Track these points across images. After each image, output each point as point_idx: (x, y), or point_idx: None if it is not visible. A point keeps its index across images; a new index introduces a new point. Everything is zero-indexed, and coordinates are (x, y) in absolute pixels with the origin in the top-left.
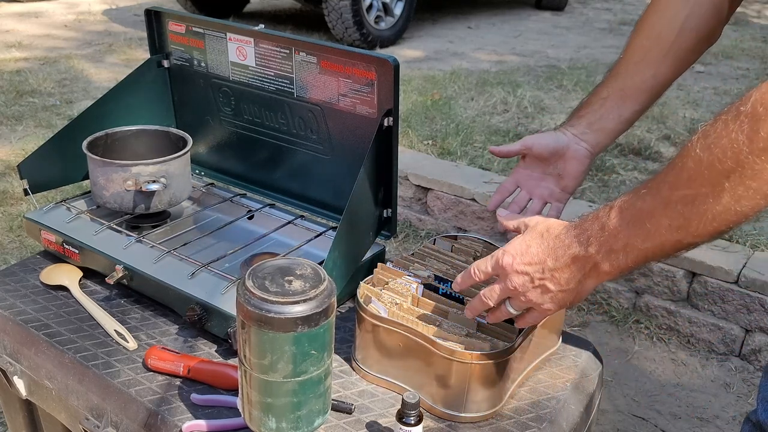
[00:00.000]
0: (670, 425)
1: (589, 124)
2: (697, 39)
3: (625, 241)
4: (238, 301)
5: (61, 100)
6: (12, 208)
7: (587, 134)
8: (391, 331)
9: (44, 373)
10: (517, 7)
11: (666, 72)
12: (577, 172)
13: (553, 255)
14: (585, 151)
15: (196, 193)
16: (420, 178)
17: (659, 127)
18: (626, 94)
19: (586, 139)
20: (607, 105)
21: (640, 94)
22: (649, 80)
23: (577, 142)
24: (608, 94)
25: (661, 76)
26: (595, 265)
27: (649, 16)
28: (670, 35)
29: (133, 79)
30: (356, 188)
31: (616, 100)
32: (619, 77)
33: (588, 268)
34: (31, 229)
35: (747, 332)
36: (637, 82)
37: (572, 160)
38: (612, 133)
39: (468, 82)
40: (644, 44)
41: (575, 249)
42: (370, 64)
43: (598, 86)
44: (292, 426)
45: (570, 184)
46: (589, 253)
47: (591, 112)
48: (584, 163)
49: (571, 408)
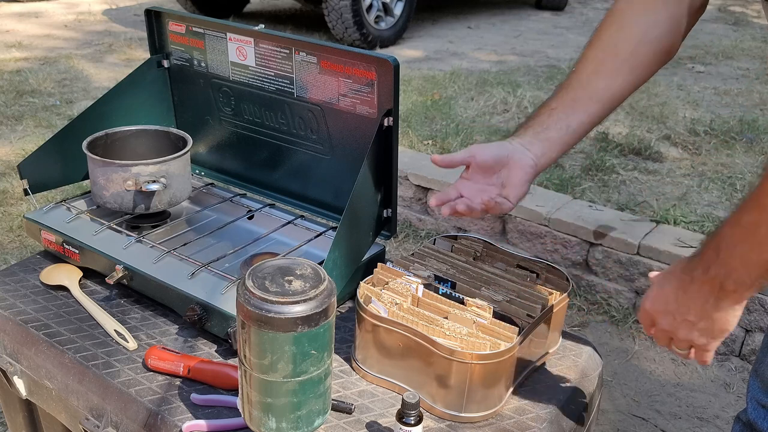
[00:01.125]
0: (670, 425)
1: (535, 133)
2: (654, 52)
3: (741, 256)
4: (238, 301)
5: (61, 100)
6: (12, 208)
7: (533, 144)
8: (391, 331)
9: (44, 373)
10: (517, 7)
11: (621, 84)
12: (520, 181)
13: (682, 288)
14: (529, 160)
15: (196, 193)
16: (420, 178)
17: (659, 127)
18: (576, 105)
19: (531, 149)
20: (555, 115)
21: (591, 105)
22: (600, 91)
23: (522, 152)
24: (557, 105)
25: (615, 87)
26: (721, 285)
27: (605, 29)
28: (626, 48)
29: (133, 79)
30: (356, 188)
31: (565, 110)
32: (570, 89)
33: (715, 290)
34: (31, 229)
35: (747, 332)
36: (589, 93)
37: (515, 169)
38: (558, 143)
39: (468, 82)
40: (598, 56)
41: (698, 275)
42: (370, 64)
43: (548, 99)
44: (292, 426)
45: (512, 193)
46: (710, 276)
47: (537, 123)
48: (528, 172)
49: (571, 408)
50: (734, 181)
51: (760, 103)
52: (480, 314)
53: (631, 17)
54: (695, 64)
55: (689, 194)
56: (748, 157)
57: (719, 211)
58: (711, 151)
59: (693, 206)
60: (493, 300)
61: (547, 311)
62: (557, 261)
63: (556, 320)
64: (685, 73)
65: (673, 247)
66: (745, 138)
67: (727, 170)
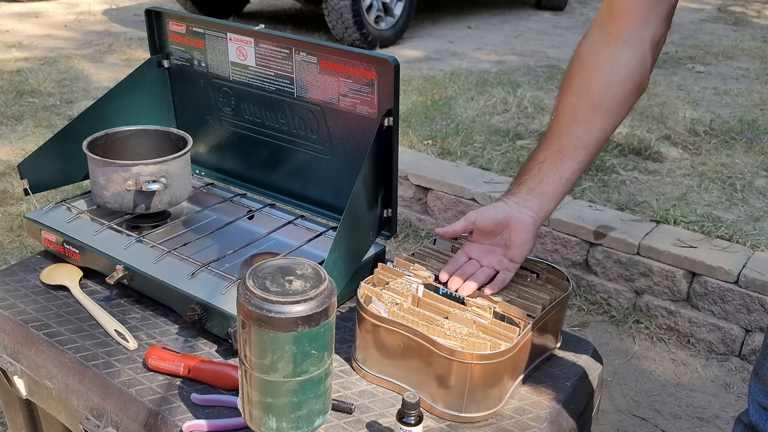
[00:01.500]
0: (670, 425)
1: (529, 190)
2: (624, 92)
3: None
4: (238, 301)
5: (61, 100)
6: (12, 208)
7: (529, 200)
8: (391, 331)
9: (44, 373)
10: (517, 7)
11: (600, 127)
12: (523, 241)
13: None
14: (528, 218)
15: (196, 193)
16: (420, 178)
17: (659, 127)
18: (563, 155)
19: (528, 206)
20: (545, 168)
21: (577, 153)
22: (583, 137)
23: (520, 210)
24: (545, 158)
25: (596, 131)
26: None
27: (574, 73)
28: (597, 90)
29: (133, 79)
30: (356, 188)
31: (554, 162)
32: (553, 138)
33: None
34: (31, 229)
35: (747, 332)
36: (573, 141)
37: (516, 230)
38: (554, 196)
39: (468, 82)
40: (572, 101)
41: None
42: (370, 64)
43: (535, 150)
44: (293, 426)
45: (517, 253)
46: None
47: (530, 178)
48: (529, 231)
49: (571, 408)
50: (734, 181)
51: (760, 103)
52: (480, 314)
53: (595, 60)
54: (695, 64)
55: (689, 194)
56: (748, 157)
57: (719, 211)
58: (711, 151)
59: (693, 206)
60: (493, 300)
61: (547, 311)
62: (557, 261)
63: (556, 320)
64: (685, 73)
65: (673, 247)
66: (745, 138)
67: (727, 170)
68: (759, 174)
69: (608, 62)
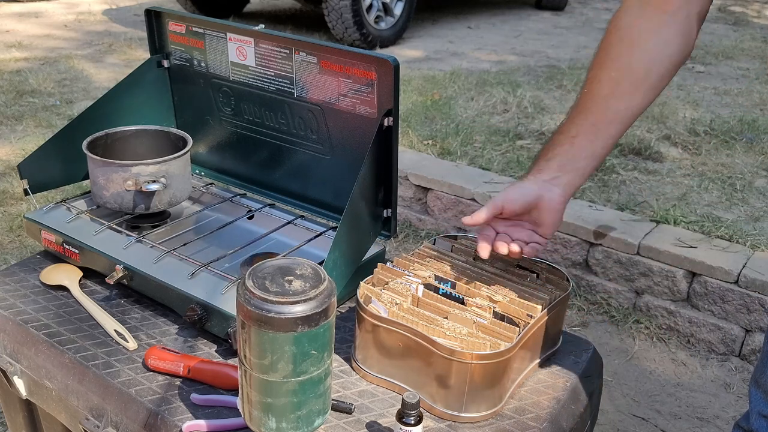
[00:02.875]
0: (670, 425)
1: (560, 166)
2: (668, 69)
3: None
4: (238, 301)
5: (61, 100)
6: (12, 208)
7: (559, 177)
8: (391, 331)
9: (44, 373)
10: (517, 7)
11: (639, 102)
12: (553, 221)
13: None
14: (559, 197)
15: (196, 193)
16: (420, 178)
17: (659, 127)
18: (597, 130)
19: (558, 184)
20: (578, 143)
21: (612, 127)
22: (621, 112)
23: (550, 190)
24: (577, 132)
25: (635, 107)
26: None
27: (611, 47)
28: (641, 67)
29: (133, 79)
30: (356, 188)
31: (588, 137)
32: (588, 113)
33: None
34: (31, 229)
35: (747, 332)
36: (609, 116)
37: (547, 210)
38: (586, 171)
39: (468, 82)
40: (611, 75)
41: None
42: (370, 64)
43: (563, 124)
44: (292, 426)
45: (548, 231)
46: None
47: (561, 153)
48: (560, 210)
49: (571, 408)
50: (734, 181)
51: (760, 103)
52: (480, 314)
53: (642, 35)
54: (695, 64)
55: (689, 194)
56: (748, 157)
57: (719, 211)
58: (711, 151)
59: (693, 206)
60: (493, 300)
61: (547, 311)
62: (557, 261)
63: (556, 320)
64: (685, 73)
65: (673, 247)
66: (745, 138)
67: (727, 170)
68: (759, 174)
69: (656, 39)
